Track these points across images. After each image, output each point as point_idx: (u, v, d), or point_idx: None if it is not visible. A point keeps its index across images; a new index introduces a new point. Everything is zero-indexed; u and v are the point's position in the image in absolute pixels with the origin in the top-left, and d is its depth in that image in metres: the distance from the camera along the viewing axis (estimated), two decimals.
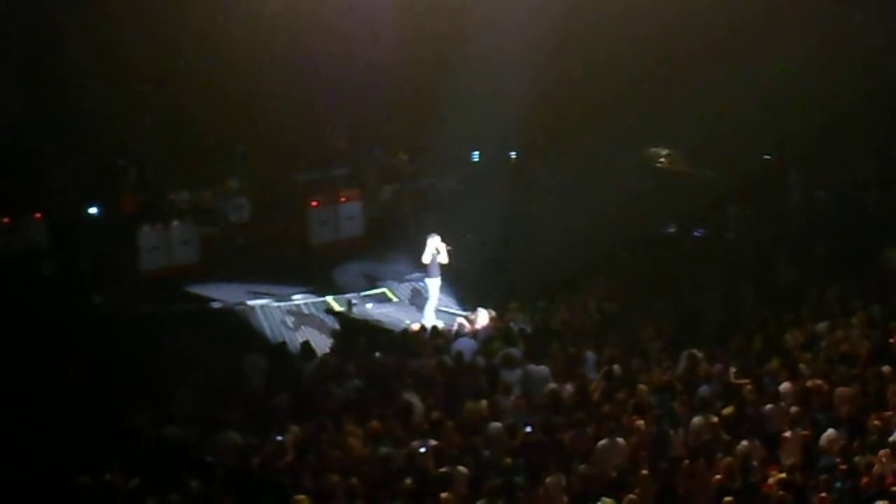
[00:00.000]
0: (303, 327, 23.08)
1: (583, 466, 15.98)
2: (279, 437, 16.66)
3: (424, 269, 23.33)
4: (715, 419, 17.16)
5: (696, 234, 27.17)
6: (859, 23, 26.95)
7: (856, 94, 26.72)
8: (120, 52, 24.89)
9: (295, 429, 17.02)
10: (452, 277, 23.69)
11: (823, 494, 15.20)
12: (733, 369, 18.98)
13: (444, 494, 15.08)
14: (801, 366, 18.89)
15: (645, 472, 15.76)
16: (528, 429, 17.01)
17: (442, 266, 23.08)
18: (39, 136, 24.01)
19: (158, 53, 25.26)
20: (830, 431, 16.84)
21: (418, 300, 23.84)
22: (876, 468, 15.75)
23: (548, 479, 15.52)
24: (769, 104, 26.63)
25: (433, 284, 23.22)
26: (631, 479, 15.65)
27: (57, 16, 24.62)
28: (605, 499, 15.08)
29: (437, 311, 23.33)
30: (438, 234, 23.10)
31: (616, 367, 19.26)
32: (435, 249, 22.95)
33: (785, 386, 18.12)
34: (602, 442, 16.52)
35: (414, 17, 27.00)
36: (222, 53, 25.75)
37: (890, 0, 27.15)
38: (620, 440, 16.57)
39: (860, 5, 27.31)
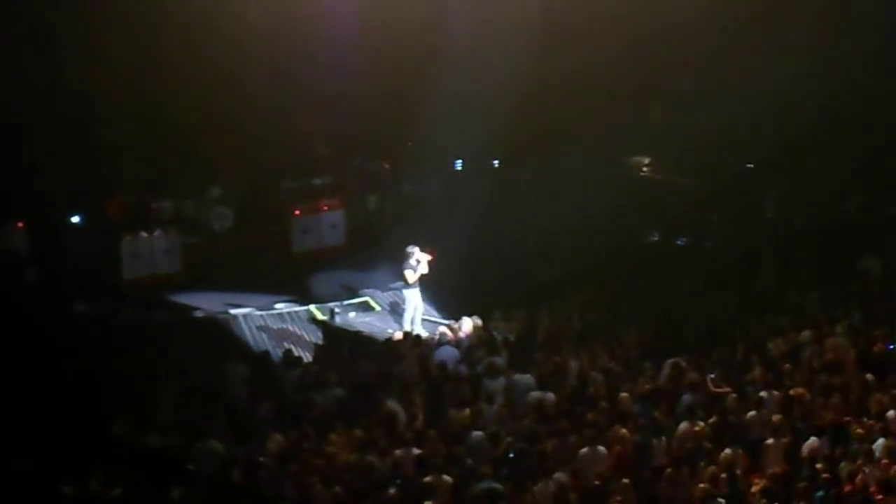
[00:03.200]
0: (285, 336, 23.02)
1: (559, 475, 15.96)
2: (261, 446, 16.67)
3: (404, 280, 23.28)
4: (698, 427, 17.19)
5: (678, 242, 27.22)
6: (844, 35, 26.92)
7: (837, 104, 26.74)
8: (103, 60, 24.83)
9: (277, 437, 17.01)
10: (436, 285, 23.64)
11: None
12: (711, 376, 19.00)
13: (427, 503, 15.09)
14: (784, 374, 18.96)
15: (626, 480, 15.75)
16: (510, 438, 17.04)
17: (422, 276, 23.00)
18: (21, 143, 23.95)
19: (142, 61, 25.17)
20: (813, 440, 16.91)
21: (401, 309, 23.78)
22: (859, 477, 15.79)
23: (535, 487, 15.53)
24: (750, 113, 26.64)
25: (411, 295, 23.17)
26: (612, 487, 15.67)
27: (40, 22, 24.53)
28: None
29: (422, 319, 23.30)
30: (418, 244, 23.00)
31: (599, 375, 19.29)
32: (415, 260, 22.87)
33: (767, 394, 18.18)
34: (583, 450, 16.54)
35: (396, 25, 26.96)
36: (205, 62, 25.67)
37: (883, 5, 27.08)
38: (601, 448, 16.58)
39: (849, 12, 27.26)
